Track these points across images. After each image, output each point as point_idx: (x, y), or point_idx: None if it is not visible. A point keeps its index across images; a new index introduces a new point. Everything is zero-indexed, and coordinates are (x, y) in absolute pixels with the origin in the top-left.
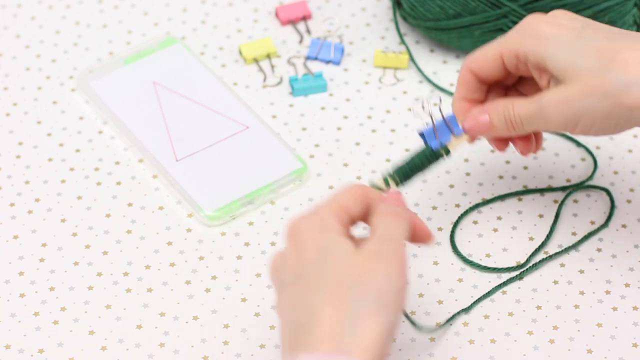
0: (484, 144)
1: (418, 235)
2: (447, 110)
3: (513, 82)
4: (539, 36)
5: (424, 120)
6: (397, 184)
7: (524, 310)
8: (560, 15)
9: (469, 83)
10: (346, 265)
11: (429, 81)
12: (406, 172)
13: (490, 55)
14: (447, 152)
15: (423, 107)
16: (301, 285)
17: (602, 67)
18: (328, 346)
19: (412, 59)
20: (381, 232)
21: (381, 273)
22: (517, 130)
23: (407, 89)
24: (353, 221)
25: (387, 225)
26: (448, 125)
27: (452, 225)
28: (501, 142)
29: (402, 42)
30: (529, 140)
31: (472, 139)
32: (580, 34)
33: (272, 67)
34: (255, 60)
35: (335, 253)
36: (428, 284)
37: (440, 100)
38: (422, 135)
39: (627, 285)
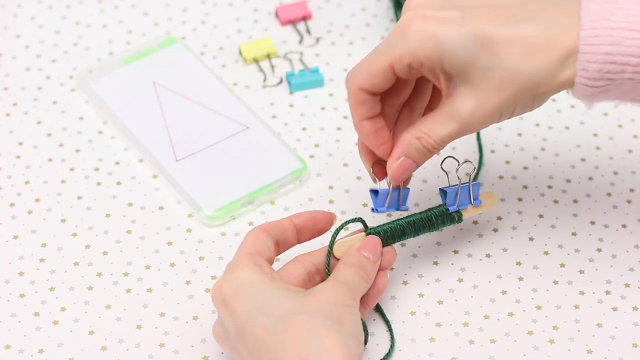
0: (484, 146)
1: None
2: (474, 180)
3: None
4: (429, 39)
5: (450, 179)
6: (398, 235)
7: (524, 310)
8: (432, 5)
9: (364, 103)
10: (286, 300)
11: None
12: (417, 225)
13: (379, 69)
14: (460, 218)
15: (457, 170)
16: (247, 336)
17: (489, 58)
18: None
19: None
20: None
21: (324, 296)
22: (438, 151)
23: None
24: (271, 259)
25: (349, 273)
26: (470, 194)
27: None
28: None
29: None
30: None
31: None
32: (464, 20)
33: (272, 67)
34: (255, 60)
35: (271, 296)
36: (428, 284)
37: (474, 170)
38: (443, 192)
39: (627, 285)
